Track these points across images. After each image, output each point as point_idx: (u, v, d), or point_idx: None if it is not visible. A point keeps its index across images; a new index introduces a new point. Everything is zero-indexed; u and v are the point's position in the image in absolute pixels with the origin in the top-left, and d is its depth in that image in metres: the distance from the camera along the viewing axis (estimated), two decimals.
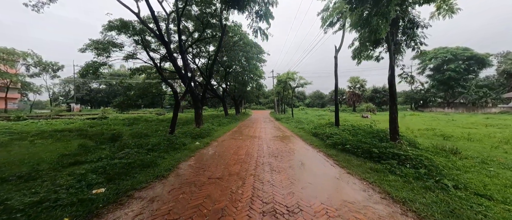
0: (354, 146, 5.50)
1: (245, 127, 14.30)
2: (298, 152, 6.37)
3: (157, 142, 6.70)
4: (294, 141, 8.31)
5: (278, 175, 4.12)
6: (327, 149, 6.42)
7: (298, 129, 11.90)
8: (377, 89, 48.56)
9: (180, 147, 6.57)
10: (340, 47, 9.45)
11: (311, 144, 7.47)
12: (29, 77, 41.08)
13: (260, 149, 6.72)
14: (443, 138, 8.74)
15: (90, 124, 16.37)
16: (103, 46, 17.16)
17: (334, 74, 9.28)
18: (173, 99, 56.12)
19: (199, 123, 12.17)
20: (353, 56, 10.35)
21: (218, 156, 5.73)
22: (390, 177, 3.69)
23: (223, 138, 9.34)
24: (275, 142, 8.02)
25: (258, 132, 11.33)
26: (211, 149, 6.76)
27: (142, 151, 5.77)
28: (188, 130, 10.30)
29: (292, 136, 9.75)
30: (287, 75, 21.16)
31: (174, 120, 8.25)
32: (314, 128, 10.39)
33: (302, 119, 18.56)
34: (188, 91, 10.55)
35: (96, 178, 3.62)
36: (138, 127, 15.45)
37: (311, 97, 65.52)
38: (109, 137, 8.76)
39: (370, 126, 7.84)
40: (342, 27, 9.51)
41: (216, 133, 10.48)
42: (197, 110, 12.27)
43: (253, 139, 8.78)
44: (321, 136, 7.98)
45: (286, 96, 29.71)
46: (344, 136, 6.63)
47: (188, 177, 3.96)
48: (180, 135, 8.09)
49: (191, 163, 5.00)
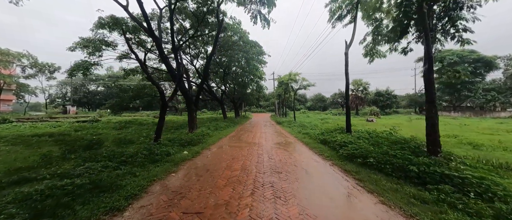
0: (379, 160, 4.30)
1: (244, 132, 13.10)
2: (306, 165, 5.17)
3: (134, 151, 5.51)
4: (300, 150, 7.10)
5: (285, 206, 2.93)
6: (342, 161, 5.22)
7: (303, 135, 10.69)
8: (380, 92, 47.34)
9: (161, 158, 5.38)
10: (351, 42, 8.33)
11: (320, 153, 6.27)
12: (24, 78, 40.11)
13: (260, 161, 5.52)
14: (472, 146, 7.52)
15: (77, 127, 15.22)
16: (94, 45, 16.13)
17: (345, 73, 8.13)
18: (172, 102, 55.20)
19: (192, 127, 11.00)
20: (365, 53, 9.24)
21: (206, 172, 4.53)
22: (451, 214, 2.48)
23: (218, 144, 8.14)
24: (278, 151, 6.82)
25: (258, 138, 10.13)
26: (200, 161, 5.56)
27: (111, 165, 4.58)
28: (179, 135, 9.12)
29: (297, 143, 8.54)
30: (289, 76, 20.04)
31: (159, 125, 7.08)
32: (321, 134, 9.19)
33: (305, 122, 17.35)
34: (181, 92, 9.43)
35: (15, 214, 2.44)
36: (128, 131, 14.29)
37: (312, 100, 64.19)
38: (86, 144, 7.57)
39: (390, 133, 6.65)
40: (353, 19, 8.40)
41: (211, 139, 9.29)
42: (190, 112, 11.12)
43: (252, 147, 7.58)
44: (332, 144, 6.78)
45: (287, 99, 28.52)
46: (363, 145, 5.43)
47: (154, 211, 2.76)
48: (166, 142, 6.90)
49: (167, 184, 3.81)
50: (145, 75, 22.45)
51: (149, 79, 6.93)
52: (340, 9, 8.85)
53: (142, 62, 7.41)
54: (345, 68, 8.15)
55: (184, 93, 10.67)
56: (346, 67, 8.15)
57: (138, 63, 6.92)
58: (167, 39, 17.03)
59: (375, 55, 9.06)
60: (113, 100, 21.27)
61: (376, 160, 4.38)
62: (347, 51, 8.23)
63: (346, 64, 8.18)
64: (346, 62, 8.19)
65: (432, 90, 4.57)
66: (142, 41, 16.50)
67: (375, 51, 9.11)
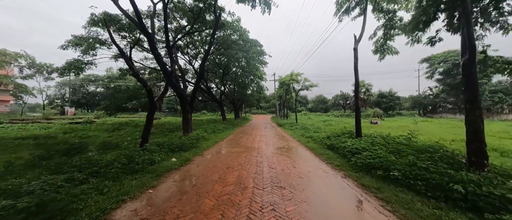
0: (406, 174, 3.46)
1: (242, 135, 12.28)
2: (314, 177, 4.33)
3: (111, 160, 4.69)
4: (305, 156, 6.26)
5: None
6: (356, 173, 4.38)
7: (306, 139, 9.85)
8: (383, 94, 46.42)
9: (143, 168, 4.55)
10: (361, 37, 7.52)
11: (329, 162, 5.43)
12: (22, 79, 39.58)
13: (259, 171, 4.69)
14: (499, 153, 6.66)
15: (68, 129, 14.47)
16: (87, 44, 15.44)
17: (354, 70, 7.31)
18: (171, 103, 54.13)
19: (187, 130, 10.19)
20: (375, 50, 8.43)
21: (191, 188, 3.71)
22: None
23: (213, 150, 7.31)
24: (280, 158, 5.99)
25: (257, 142, 9.30)
26: (188, 171, 4.73)
27: (79, 177, 3.77)
28: (171, 139, 8.31)
29: (300, 148, 7.70)
30: (291, 76, 19.23)
31: (146, 128, 6.27)
32: (327, 138, 8.34)
33: (307, 125, 16.51)
34: (175, 92, 8.65)
35: None
36: (120, 133, 13.52)
37: (313, 102, 63.27)
38: (65, 149, 6.77)
39: (409, 138, 5.81)
40: (362, 11, 7.60)
41: (206, 143, 8.47)
42: (185, 114, 10.31)
43: (251, 153, 6.75)
44: (341, 150, 5.94)
45: (288, 100, 27.69)
46: (380, 153, 4.58)
47: None
48: (153, 148, 6.08)
49: (138, 206, 2.98)
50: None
51: (134, 76, 6.14)
52: (348, 1, 8.06)
53: (128, 56, 6.62)
54: (355, 65, 7.33)
55: (178, 93, 9.88)
56: (356, 64, 7.33)
57: (123, 59, 6.18)
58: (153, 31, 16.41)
59: (387, 51, 8.25)
60: (108, 101, 20.50)
61: (401, 173, 3.54)
62: (356, 47, 7.41)
63: (356, 60, 7.36)
64: (355, 58, 7.37)
65: (474, 86, 3.74)
66: (140, 40, 15.82)
67: (387, 48, 8.30)
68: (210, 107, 54.29)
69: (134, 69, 6.20)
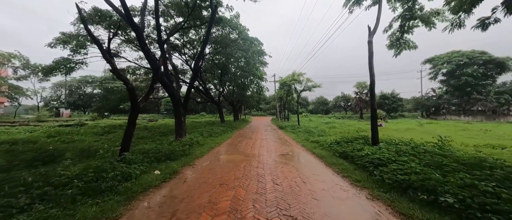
0: (467, 202, 2.50)
1: (241, 138, 11.30)
2: (332, 198, 3.36)
3: (75, 174, 3.71)
4: (314, 167, 5.28)
5: None
6: (386, 193, 3.41)
7: (311, 143, 8.88)
8: (386, 95, 45.53)
9: (112, 186, 3.56)
10: (376, 28, 6.58)
11: (345, 175, 4.45)
12: (16, 80, 38.61)
13: (260, 190, 3.71)
14: None
15: (54, 132, 13.47)
16: (77, 41, 14.50)
17: (369, 66, 6.35)
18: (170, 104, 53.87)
19: (180, 134, 9.21)
20: (390, 44, 7.49)
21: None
22: None
23: (206, 158, 6.33)
24: (285, 169, 5.01)
25: (257, 147, 8.32)
26: (170, 190, 3.74)
27: (20, 203, 2.79)
28: (159, 145, 7.33)
29: (307, 155, 6.73)
30: (292, 76, 18.31)
31: (127, 133, 5.30)
32: (336, 143, 7.38)
33: (310, 127, 15.53)
34: (166, 91, 7.70)
35: None
36: (109, 137, 12.51)
37: (314, 104, 62.31)
38: (31, 157, 5.78)
39: (440, 147, 4.85)
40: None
41: (200, 150, 7.48)
42: (178, 116, 9.35)
43: (250, 162, 5.77)
44: (359, 160, 4.97)
45: (289, 102, 26.75)
46: (416, 168, 3.58)
47: None
48: (134, 157, 5.09)
49: None
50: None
51: (114, 72, 5.19)
52: None
53: (105, 50, 5.67)
54: (369, 60, 6.38)
55: (170, 93, 8.92)
56: (371, 59, 6.38)
57: (101, 52, 5.27)
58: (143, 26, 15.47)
59: (404, 46, 7.32)
60: (99, 102, 19.57)
61: (458, 199, 2.57)
62: (371, 40, 6.47)
63: (370, 55, 6.41)
64: (370, 53, 6.42)
65: None
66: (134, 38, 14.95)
67: (403, 42, 7.37)
68: (209, 109, 53.32)
69: (113, 65, 5.25)
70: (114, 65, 5.25)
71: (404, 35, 7.27)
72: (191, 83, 9.91)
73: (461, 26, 4.58)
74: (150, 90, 5.71)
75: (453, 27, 4.68)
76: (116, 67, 5.28)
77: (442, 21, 6.41)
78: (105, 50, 5.49)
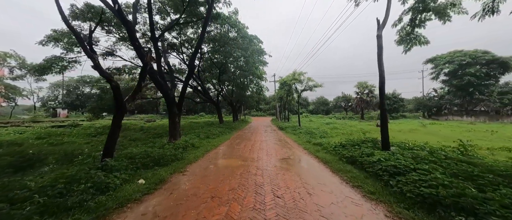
0: None
1: (240, 140, 10.74)
2: (344, 216, 2.80)
3: (39, 186, 3.15)
4: (319, 174, 4.72)
5: None
6: (408, 210, 2.85)
7: (314, 146, 8.32)
8: (387, 95, 44.79)
9: (82, 202, 2.99)
10: (385, 21, 6.03)
11: (355, 184, 3.89)
12: (12, 80, 38.04)
13: (259, 205, 3.15)
14: None
15: (44, 134, 12.90)
16: (69, 39, 13.97)
17: (378, 62, 5.80)
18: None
19: (174, 136, 8.66)
20: (399, 40, 6.95)
21: None
22: None
23: (200, 163, 5.76)
24: (287, 177, 4.46)
25: (256, 150, 7.76)
26: (152, 206, 3.18)
27: None
28: (151, 148, 6.78)
29: (310, 160, 6.17)
30: (293, 76, 17.76)
31: (111, 136, 4.73)
32: (341, 146, 6.83)
33: (311, 128, 14.96)
34: (158, 89, 7.15)
35: None
36: (100, 139, 11.94)
37: (314, 104, 61.70)
38: (7, 163, 5.21)
39: (461, 152, 4.29)
40: None
41: (194, 153, 6.92)
42: (172, 117, 8.79)
43: (248, 168, 5.22)
44: (369, 167, 4.41)
45: (289, 102, 26.18)
46: (442, 179, 3.03)
47: None
48: (117, 164, 4.52)
49: None
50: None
51: (96, 68, 4.63)
52: None
53: (86, 43, 5.12)
54: (378, 55, 5.82)
55: (163, 91, 8.38)
56: (380, 55, 5.82)
57: (81, 46, 4.73)
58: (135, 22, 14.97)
59: (414, 41, 6.77)
60: (94, 102, 18.97)
61: None
62: (381, 33, 5.92)
63: (380, 50, 5.85)
64: (379, 48, 5.86)
65: None
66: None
67: (414, 37, 6.82)
68: (209, 110, 52.74)
69: (95, 60, 4.69)
70: (96, 61, 4.69)
71: (415, 30, 6.72)
72: (186, 81, 9.35)
73: (494, 12, 4.01)
74: (137, 89, 5.15)
75: (484, 14, 4.12)
76: (98, 63, 4.72)
77: (458, 13, 5.88)
78: (85, 43, 4.94)
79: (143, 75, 5.15)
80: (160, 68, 9.28)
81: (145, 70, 5.18)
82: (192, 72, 9.36)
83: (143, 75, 5.16)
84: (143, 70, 5.19)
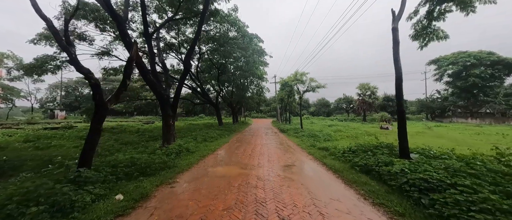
0: None
1: (240, 144, 10.06)
2: None
3: None
4: (331, 187, 4.05)
5: None
6: None
7: (320, 151, 7.64)
8: (389, 97, 44.24)
9: None
10: (402, 11, 5.39)
11: (377, 202, 3.22)
12: (9, 81, 37.56)
13: None
14: None
15: (34, 136, 12.25)
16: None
17: (393, 57, 5.14)
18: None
19: (168, 139, 8.00)
20: (415, 34, 6.32)
21: None
22: None
23: (193, 172, 5.09)
24: (292, 189, 3.79)
25: (257, 155, 7.09)
26: None
27: None
28: (139, 154, 6.12)
29: (317, 167, 5.49)
30: (295, 76, 17.11)
31: (90, 142, 4.08)
32: (350, 152, 6.15)
33: (315, 131, 14.28)
34: (150, 87, 6.51)
35: None
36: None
37: (315, 105, 60.94)
38: None
39: (498, 160, 3.64)
40: None
41: (187, 159, 6.25)
42: (166, 119, 8.14)
43: (247, 178, 4.54)
44: (388, 178, 3.75)
45: (290, 103, 25.51)
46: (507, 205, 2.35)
47: None
48: (93, 175, 3.85)
49: None
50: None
51: (72, 64, 3.99)
52: None
53: (61, 35, 4.48)
54: (394, 51, 5.16)
55: (156, 91, 7.74)
56: (396, 50, 5.16)
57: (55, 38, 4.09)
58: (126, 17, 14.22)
59: (432, 36, 6.11)
60: (88, 104, 18.36)
61: None
62: (396, 26, 5.27)
63: (396, 45, 5.19)
64: (395, 42, 5.20)
65: None
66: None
67: (431, 31, 6.17)
68: (209, 111, 52.10)
69: (71, 54, 4.06)
70: (72, 55, 4.05)
71: (432, 23, 6.08)
72: (182, 80, 8.71)
73: None
74: (121, 87, 4.50)
75: None
76: (74, 57, 4.09)
77: (485, 3, 5.23)
78: (59, 34, 4.27)
79: (128, 71, 4.50)
80: (153, 67, 8.66)
81: (130, 66, 4.54)
82: (187, 71, 8.73)
83: (128, 71, 4.52)
84: (128, 66, 4.54)
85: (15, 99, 40.09)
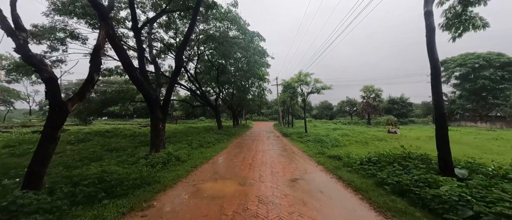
0: None
1: (239, 150, 9.03)
2: None
3: None
4: (359, 217, 3.00)
5: None
6: None
7: (331, 161, 6.56)
8: (394, 100, 43.07)
9: None
10: None
11: None
12: (7, 83, 37.03)
13: None
14: None
15: (17, 141, 11.31)
16: (52, 35, 12.57)
17: (427, 47, 4.11)
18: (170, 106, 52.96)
19: (157, 146, 7.00)
20: (446, 23, 5.34)
21: None
22: None
23: (177, 190, 4.06)
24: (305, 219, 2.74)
25: (258, 165, 6.05)
26: None
27: None
28: (118, 165, 5.12)
29: (333, 184, 4.44)
30: (299, 77, 16.11)
31: (41, 154, 3.10)
32: (371, 163, 5.09)
33: (321, 135, 13.18)
34: (136, 86, 5.50)
35: None
36: (78, 147, 10.34)
37: (318, 108, 59.72)
38: None
39: None
40: None
41: (175, 171, 5.23)
42: (154, 122, 7.16)
43: (246, 198, 3.52)
44: (433, 204, 2.74)
45: (293, 106, 24.44)
46: None
47: None
48: (37, 200, 2.85)
49: None
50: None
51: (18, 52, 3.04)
52: None
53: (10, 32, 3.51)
54: (427, 39, 4.15)
55: (143, 91, 6.77)
56: (430, 38, 4.15)
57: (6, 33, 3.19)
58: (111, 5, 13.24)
59: (468, 23, 5.09)
60: (80, 105, 17.44)
61: None
62: (431, 8, 4.27)
63: (431, 33, 4.18)
64: (428, 29, 4.19)
65: None
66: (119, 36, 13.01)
67: (465, 19, 5.14)
68: (209, 114, 51.07)
69: (18, 41, 3.11)
70: (18, 42, 3.11)
71: (467, 9, 5.06)
72: (173, 78, 7.77)
73: None
74: (87, 83, 3.53)
75: None
76: (22, 43, 3.14)
77: None
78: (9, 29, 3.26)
79: (95, 62, 3.53)
80: (142, 64, 7.72)
81: (97, 56, 3.57)
82: (179, 68, 7.78)
83: (96, 62, 3.55)
84: (94, 55, 3.57)
85: (15, 101, 39.52)
